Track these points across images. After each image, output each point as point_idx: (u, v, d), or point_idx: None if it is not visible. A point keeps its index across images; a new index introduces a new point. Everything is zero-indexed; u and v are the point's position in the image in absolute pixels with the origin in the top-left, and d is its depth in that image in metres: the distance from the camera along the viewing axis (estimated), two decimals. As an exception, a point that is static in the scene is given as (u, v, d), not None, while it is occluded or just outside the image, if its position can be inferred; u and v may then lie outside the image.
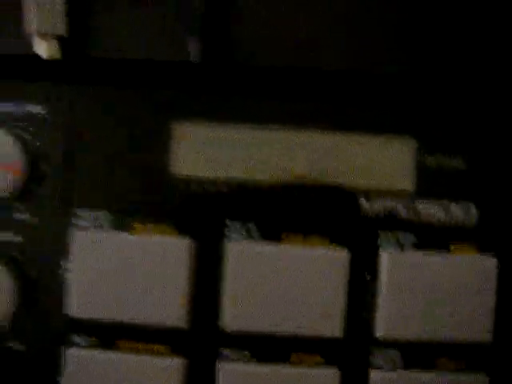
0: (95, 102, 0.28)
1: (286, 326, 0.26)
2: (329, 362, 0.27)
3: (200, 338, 0.27)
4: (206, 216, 0.27)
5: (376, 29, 0.27)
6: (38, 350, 0.27)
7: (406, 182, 0.27)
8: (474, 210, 0.27)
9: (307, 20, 0.30)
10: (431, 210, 0.27)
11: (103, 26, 0.32)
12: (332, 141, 0.27)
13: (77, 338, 0.27)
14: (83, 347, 0.27)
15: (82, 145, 0.27)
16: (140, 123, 0.27)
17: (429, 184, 0.27)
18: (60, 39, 0.32)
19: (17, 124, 0.27)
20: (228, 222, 0.27)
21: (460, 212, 0.27)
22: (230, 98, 0.27)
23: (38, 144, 0.27)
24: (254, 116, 0.27)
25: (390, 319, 0.26)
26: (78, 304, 0.27)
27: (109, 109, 0.27)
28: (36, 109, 0.28)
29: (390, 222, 0.27)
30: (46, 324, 0.27)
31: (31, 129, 0.27)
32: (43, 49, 0.32)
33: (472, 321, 0.26)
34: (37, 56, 0.30)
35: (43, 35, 0.31)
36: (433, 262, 0.26)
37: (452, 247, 0.27)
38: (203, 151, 0.27)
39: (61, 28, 0.32)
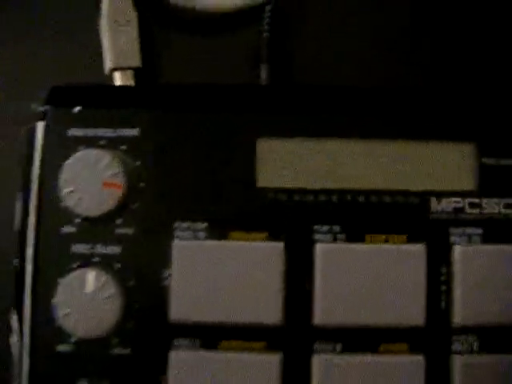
0: (183, 125, 0.30)
1: (374, 317, 0.29)
2: (414, 349, 0.29)
3: (295, 334, 0.29)
4: (295, 222, 0.30)
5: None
6: (144, 355, 0.29)
7: (469, 182, 0.30)
8: (533, 206, 0.30)
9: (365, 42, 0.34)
10: (495, 206, 0.30)
11: (179, 58, 0.35)
12: (401, 149, 0.30)
13: (180, 341, 0.29)
14: (186, 348, 0.29)
15: (175, 164, 0.30)
16: (228, 142, 0.30)
17: (491, 183, 0.30)
18: (135, 70, 0.35)
19: (116, 146, 0.30)
20: (316, 226, 0.30)
21: (521, 208, 0.30)
22: (303, 115, 0.30)
23: (135, 163, 0.30)
24: (328, 130, 0.30)
25: (466, 307, 0.29)
26: (180, 309, 0.29)
27: (196, 131, 0.30)
28: (131, 132, 0.30)
29: (459, 219, 0.30)
30: (150, 330, 0.30)
31: (128, 150, 0.30)
32: (119, 80, 0.35)
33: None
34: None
35: (119, 68, 0.34)
36: (500, 252, 0.29)
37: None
38: (286, 164, 0.30)
39: (135, 60, 0.35)
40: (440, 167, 0.30)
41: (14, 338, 0.31)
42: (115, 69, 0.34)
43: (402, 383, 0.29)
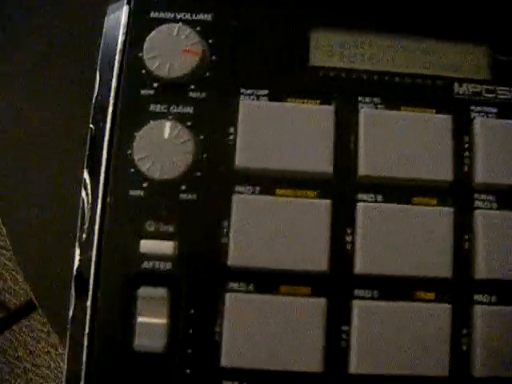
0: (251, 15, 0.36)
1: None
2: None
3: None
4: (343, 93, 0.35)
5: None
6: (208, 200, 0.33)
7: (485, 73, 0.36)
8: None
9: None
10: (507, 93, 0.36)
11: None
12: (430, 45, 0.36)
13: (241, 188, 0.34)
14: (247, 194, 0.33)
15: (243, 44, 0.35)
16: (288, 31, 0.36)
17: (503, 75, 0.36)
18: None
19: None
20: (360, 97, 0.35)
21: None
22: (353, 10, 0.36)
23: (208, 42, 0.35)
24: (373, 24, 0.36)
25: (486, 168, 0.34)
26: (244, 157, 0.33)
27: (262, 21, 0.36)
28: (206, 17, 0.36)
29: (478, 100, 0.36)
30: (215, 178, 0.34)
31: (202, 31, 0.35)
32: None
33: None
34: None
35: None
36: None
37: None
38: (335, 49, 0.36)
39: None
40: (460, 61, 0.36)
41: (83, 193, 0.34)
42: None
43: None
